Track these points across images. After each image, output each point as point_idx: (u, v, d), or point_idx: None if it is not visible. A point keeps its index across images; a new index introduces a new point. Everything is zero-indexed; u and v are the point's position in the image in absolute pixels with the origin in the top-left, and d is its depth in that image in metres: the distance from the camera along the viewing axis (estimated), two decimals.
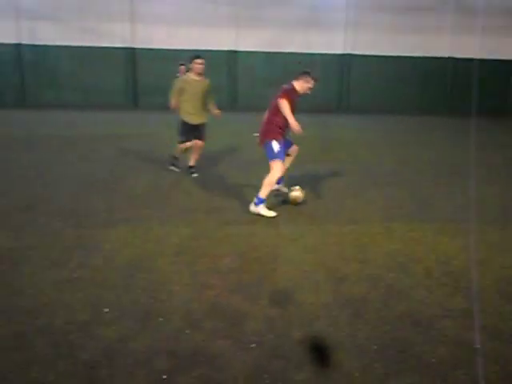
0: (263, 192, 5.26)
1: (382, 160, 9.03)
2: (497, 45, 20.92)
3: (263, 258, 4.06)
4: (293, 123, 5.07)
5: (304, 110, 6.29)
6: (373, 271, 3.82)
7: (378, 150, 10.31)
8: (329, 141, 11.48)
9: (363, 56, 21.02)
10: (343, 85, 21.34)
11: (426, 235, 4.74)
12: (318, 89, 5.59)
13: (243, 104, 18.98)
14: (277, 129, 5.25)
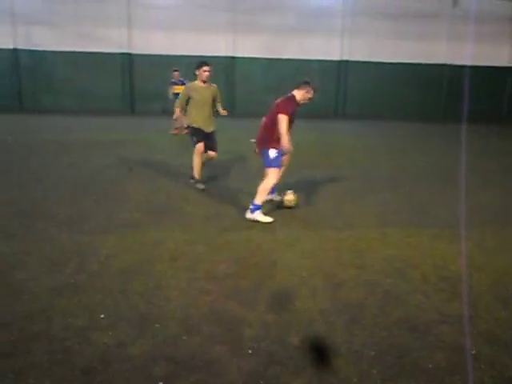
0: (258, 198, 5.28)
1: (379, 166, 9.07)
2: (491, 51, 21.12)
3: (260, 264, 4.07)
4: (284, 142, 5.11)
5: (301, 116, 6.32)
6: (370, 277, 3.83)
7: (375, 156, 10.35)
8: (326, 146, 11.52)
9: (360, 62, 21.14)
10: (340, 91, 21.45)
11: (423, 241, 4.76)
12: (316, 95, 5.65)
13: (241, 110, 19.04)
14: (275, 138, 5.25)
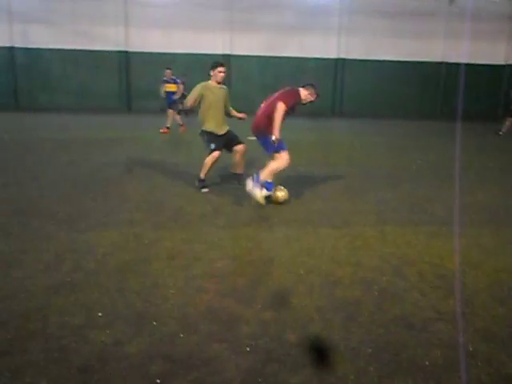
0: (265, 175, 5.33)
1: (377, 164, 9.08)
2: (488, 49, 21.13)
3: (257, 262, 4.06)
4: (276, 131, 5.25)
5: (299, 115, 6.33)
6: (367, 274, 3.83)
7: (373, 154, 10.36)
8: (323, 144, 11.53)
9: (357, 60, 21.14)
10: (337, 89, 21.45)
11: (420, 238, 4.76)
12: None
13: (237, 107, 18.97)
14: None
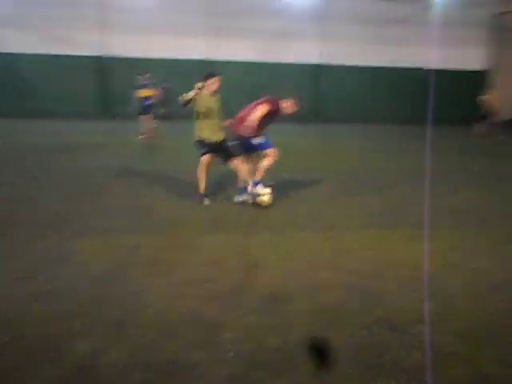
0: (259, 175, 5.76)
1: (359, 168, 9.17)
2: (465, 56, 21.65)
3: (239, 267, 4.05)
4: (248, 126, 5.55)
5: (282, 119, 6.35)
6: (348, 278, 3.85)
7: (354, 158, 10.46)
8: (305, 150, 11.59)
9: (338, 66, 21.37)
10: (319, 94, 21.64)
11: (400, 241, 4.82)
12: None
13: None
14: (259, 127, 5.70)
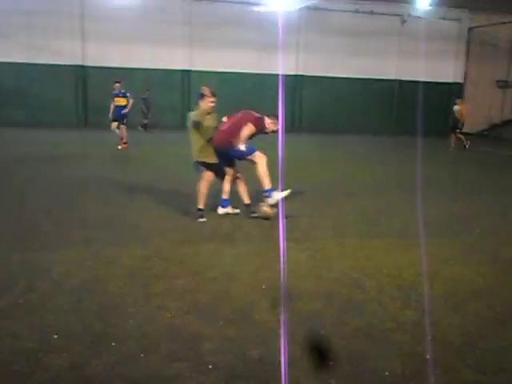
0: (266, 183, 5.75)
1: (335, 178, 9.27)
2: (438, 68, 22.26)
3: (219, 278, 4.04)
4: (241, 144, 5.63)
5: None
6: (327, 287, 3.88)
7: (331, 169, 10.58)
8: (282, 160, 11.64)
9: (315, 77, 21.67)
10: (296, 104, 21.87)
11: (378, 250, 4.88)
12: (273, 109, 5.92)
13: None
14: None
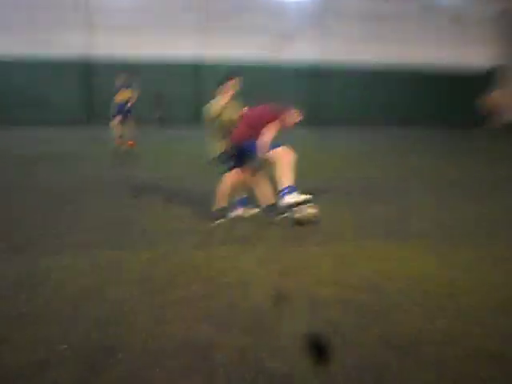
0: (285, 181, 5.39)
1: (354, 175, 9.20)
2: (470, 53, 21.66)
3: (234, 284, 4.03)
4: (264, 146, 5.41)
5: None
6: (347, 293, 3.84)
7: (350, 164, 10.50)
8: (300, 155, 11.60)
9: (334, 65, 21.43)
10: (313, 96, 21.70)
11: (400, 253, 4.83)
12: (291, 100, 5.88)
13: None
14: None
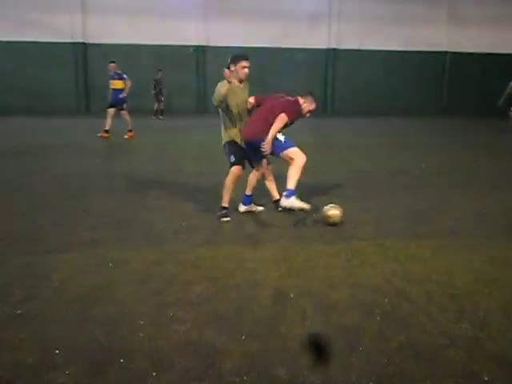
0: (292, 183, 5.44)
1: (375, 168, 9.15)
2: (497, 37, 21.20)
3: (241, 285, 4.01)
4: (269, 141, 5.41)
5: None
6: (366, 296, 3.80)
7: (370, 157, 10.45)
8: (313, 147, 11.57)
9: (349, 51, 21.33)
10: (328, 84, 21.61)
11: (425, 253, 4.76)
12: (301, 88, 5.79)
13: (213, 106, 18.97)
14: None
